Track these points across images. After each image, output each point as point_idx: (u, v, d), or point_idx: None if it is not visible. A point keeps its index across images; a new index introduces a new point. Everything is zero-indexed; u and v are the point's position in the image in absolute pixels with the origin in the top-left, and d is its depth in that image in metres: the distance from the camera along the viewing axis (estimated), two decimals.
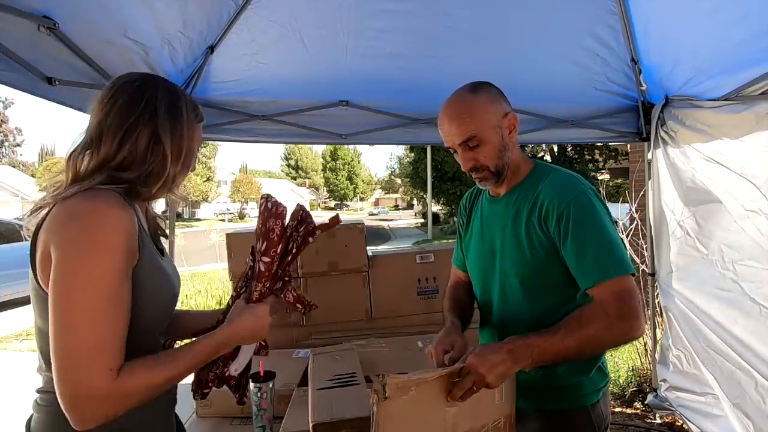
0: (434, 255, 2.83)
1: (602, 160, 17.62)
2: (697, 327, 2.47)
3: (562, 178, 1.13)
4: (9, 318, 6.59)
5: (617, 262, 1.01)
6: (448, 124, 1.12)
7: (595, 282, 1.02)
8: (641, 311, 1.00)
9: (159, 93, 0.89)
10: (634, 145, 5.75)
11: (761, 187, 2.04)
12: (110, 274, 0.76)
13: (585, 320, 0.99)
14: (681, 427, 2.76)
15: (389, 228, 28.62)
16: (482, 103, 1.11)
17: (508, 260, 1.15)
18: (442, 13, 2.10)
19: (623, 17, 2.10)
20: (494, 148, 1.12)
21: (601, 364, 1.16)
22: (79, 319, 0.73)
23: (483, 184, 1.19)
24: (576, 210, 1.05)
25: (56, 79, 1.58)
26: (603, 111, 2.75)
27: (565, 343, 0.97)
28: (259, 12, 2.03)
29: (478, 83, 1.15)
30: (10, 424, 3.30)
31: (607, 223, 1.05)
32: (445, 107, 1.14)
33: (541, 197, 1.10)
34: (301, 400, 1.61)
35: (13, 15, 1.36)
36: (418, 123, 2.78)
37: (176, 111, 0.90)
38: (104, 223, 0.77)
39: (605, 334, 0.98)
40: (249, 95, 2.59)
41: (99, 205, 0.79)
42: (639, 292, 1.02)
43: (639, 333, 1.00)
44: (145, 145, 0.87)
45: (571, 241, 1.04)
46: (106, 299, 0.76)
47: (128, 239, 0.80)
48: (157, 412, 0.95)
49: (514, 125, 1.15)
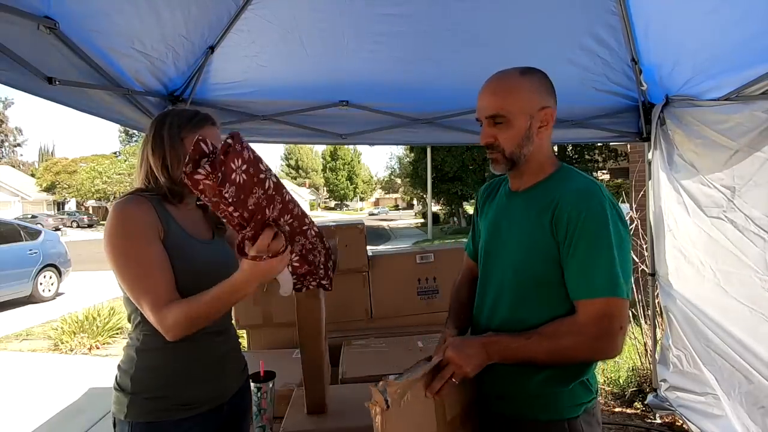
0: (434, 255, 2.83)
1: (602, 160, 17.61)
2: (698, 327, 2.47)
3: (582, 185, 1.08)
4: (9, 318, 6.59)
5: (610, 283, 0.99)
6: (483, 94, 1.11)
7: (583, 297, 1.01)
8: (619, 334, 0.99)
9: (151, 129, 1.20)
10: (634, 145, 5.75)
11: (732, 191, 2.06)
12: (138, 247, 1.09)
13: (561, 332, 1.01)
14: (681, 427, 2.76)
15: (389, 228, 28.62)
16: (524, 87, 1.08)
17: (511, 257, 1.13)
18: (442, 15, 2.10)
19: (623, 17, 2.10)
20: (517, 134, 1.08)
21: (585, 380, 1.10)
22: (137, 280, 1.08)
23: (494, 165, 1.15)
24: (587, 219, 1.01)
25: (56, 79, 1.58)
26: (603, 111, 2.75)
27: (535, 350, 1.01)
28: (259, 12, 2.03)
29: (531, 68, 1.12)
30: (10, 424, 3.31)
31: (614, 239, 1.01)
32: (490, 78, 1.13)
33: (556, 200, 1.06)
34: (300, 400, 1.61)
35: (13, 15, 1.36)
36: (418, 123, 2.78)
37: (159, 137, 1.18)
38: (127, 216, 1.11)
39: (578, 350, 1.02)
40: (249, 95, 2.59)
41: (122, 206, 1.13)
42: (625, 316, 1.01)
43: (613, 354, 1.02)
44: (147, 167, 1.20)
45: (573, 250, 1.02)
46: (143, 260, 1.09)
47: (146, 222, 1.11)
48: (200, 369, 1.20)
49: (548, 121, 1.11)
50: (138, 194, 1.17)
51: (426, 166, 17.74)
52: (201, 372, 1.20)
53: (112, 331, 5.27)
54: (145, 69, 2.06)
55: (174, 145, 1.18)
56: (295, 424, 1.45)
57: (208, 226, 1.30)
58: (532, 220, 1.09)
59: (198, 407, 1.18)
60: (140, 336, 1.17)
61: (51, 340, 5.22)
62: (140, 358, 1.16)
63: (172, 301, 1.08)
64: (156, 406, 1.14)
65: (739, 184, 2.12)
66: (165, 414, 1.14)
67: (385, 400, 0.86)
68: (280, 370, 1.65)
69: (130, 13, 1.73)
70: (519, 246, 1.11)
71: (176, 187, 1.19)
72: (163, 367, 1.16)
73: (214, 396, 1.23)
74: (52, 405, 3.53)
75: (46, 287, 7.79)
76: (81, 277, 9.78)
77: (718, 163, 2.22)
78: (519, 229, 1.13)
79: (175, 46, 2.07)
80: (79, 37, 1.67)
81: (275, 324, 2.68)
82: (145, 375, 1.15)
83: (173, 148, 1.18)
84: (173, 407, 1.15)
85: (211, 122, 1.23)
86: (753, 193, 2.08)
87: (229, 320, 1.33)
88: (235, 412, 1.31)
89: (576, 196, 1.04)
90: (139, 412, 1.14)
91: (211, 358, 1.23)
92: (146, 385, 1.15)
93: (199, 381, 1.20)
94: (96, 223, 33.18)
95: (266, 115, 2.67)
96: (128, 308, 1.19)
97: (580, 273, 1.02)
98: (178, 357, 1.17)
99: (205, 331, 1.19)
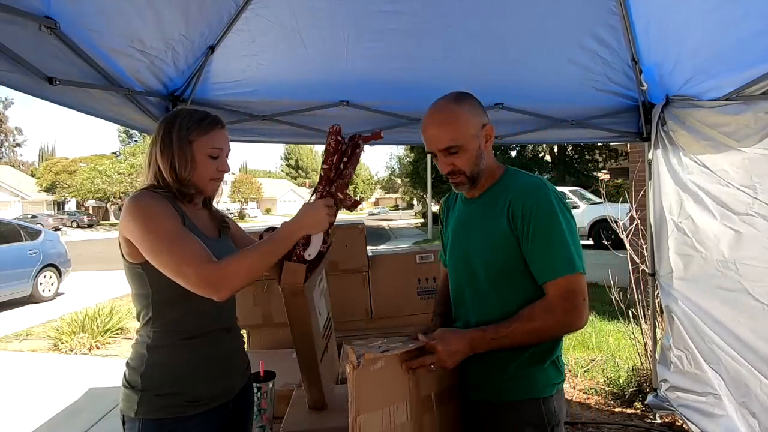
0: (434, 255, 2.83)
1: (602, 160, 17.62)
2: (701, 327, 2.46)
3: (529, 181, 1.23)
4: (9, 318, 6.59)
5: (567, 262, 1.13)
6: (432, 129, 1.22)
7: (547, 280, 1.14)
8: (583, 306, 1.13)
9: (160, 129, 1.21)
10: (634, 145, 5.75)
11: (751, 189, 2.05)
12: (168, 224, 1.11)
13: (535, 314, 1.14)
14: (681, 427, 2.76)
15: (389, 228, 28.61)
16: (465, 114, 1.20)
17: (478, 257, 1.24)
18: (442, 14, 2.10)
19: (623, 17, 2.10)
20: (472, 156, 1.21)
21: (556, 359, 1.23)
22: (172, 246, 1.08)
23: (458, 188, 1.28)
24: (537, 210, 1.15)
25: (56, 79, 1.58)
26: (603, 111, 2.75)
27: (516, 334, 1.13)
28: (259, 12, 2.03)
29: (461, 93, 1.24)
30: (10, 424, 3.31)
31: (563, 225, 1.15)
32: (430, 113, 1.24)
33: (509, 197, 1.19)
34: (300, 400, 1.61)
35: (14, 15, 1.36)
36: (418, 123, 2.77)
37: (168, 139, 1.19)
38: (147, 203, 1.13)
39: (550, 327, 1.14)
40: (249, 95, 2.59)
41: (138, 198, 1.15)
42: (584, 289, 1.15)
43: (581, 324, 1.15)
44: (155, 168, 1.20)
45: (531, 240, 1.15)
46: (177, 233, 1.11)
47: (167, 208, 1.14)
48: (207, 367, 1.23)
49: (490, 135, 1.24)
50: (151, 190, 1.19)
51: (426, 166, 17.74)
52: (211, 369, 1.22)
53: (112, 331, 5.28)
54: (145, 69, 2.07)
55: (182, 147, 1.19)
56: (295, 424, 1.45)
57: (214, 225, 1.33)
58: (491, 220, 1.21)
59: (207, 404, 1.20)
60: (150, 333, 1.18)
61: (51, 340, 5.22)
62: (151, 355, 1.17)
63: (220, 259, 1.10)
64: (167, 402, 1.15)
65: (759, 182, 2.09)
66: (176, 410, 1.15)
67: (358, 360, 0.97)
68: (280, 370, 1.65)
69: (130, 13, 1.73)
70: (483, 246, 1.23)
71: (184, 188, 1.21)
72: (174, 365, 1.18)
73: (222, 392, 1.24)
74: (52, 405, 3.53)
75: (46, 287, 7.79)
76: (81, 277, 9.78)
77: (731, 163, 2.20)
78: (480, 231, 1.24)
79: (175, 46, 2.07)
80: (80, 37, 1.67)
81: (275, 324, 2.68)
82: (155, 372, 1.16)
83: (181, 150, 1.19)
84: (184, 404, 1.16)
85: (220, 125, 1.25)
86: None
87: (234, 318, 1.34)
88: (239, 409, 1.32)
89: (526, 191, 1.18)
90: (150, 409, 1.14)
91: (220, 355, 1.25)
92: (157, 382, 1.16)
93: (209, 377, 1.21)
94: (96, 223, 33.21)
95: (266, 115, 2.67)
96: (138, 305, 1.20)
97: (541, 259, 1.15)
98: (189, 354, 1.19)
99: (215, 328, 1.23)
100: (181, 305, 1.17)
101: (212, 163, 1.23)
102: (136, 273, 1.16)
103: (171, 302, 1.16)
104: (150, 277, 1.15)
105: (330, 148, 1.29)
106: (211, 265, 1.08)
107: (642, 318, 3.27)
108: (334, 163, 1.29)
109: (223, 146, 1.24)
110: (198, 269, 1.07)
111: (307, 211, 1.24)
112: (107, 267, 11.28)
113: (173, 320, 1.18)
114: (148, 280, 1.15)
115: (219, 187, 1.30)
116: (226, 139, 1.27)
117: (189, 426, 1.16)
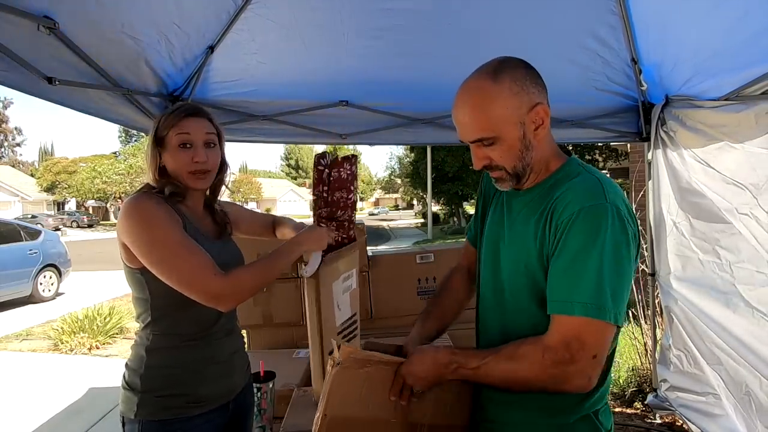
0: (434, 255, 2.83)
1: (602, 160, 17.61)
2: (700, 327, 2.46)
3: (586, 183, 0.91)
4: (9, 318, 6.59)
5: (591, 299, 0.83)
6: (458, 115, 0.94)
7: (555, 312, 0.87)
8: (588, 364, 0.85)
9: (152, 127, 1.21)
10: (634, 145, 5.76)
11: (752, 190, 2.05)
12: (170, 231, 1.08)
13: (520, 354, 0.88)
14: (681, 427, 2.76)
15: (389, 228, 28.61)
16: (502, 95, 0.89)
17: (506, 265, 1.01)
18: (442, 12, 2.10)
19: (623, 17, 2.10)
20: (512, 148, 0.92)
21: (592, 414, 0.94)
22: (176, 258, 1.07)
23: (500, 185, 0.99)
24: (579, 222, 0.86)
25: (56, 79, 1.58)
26: (603, 111, 2.75)
27: (490, 372, 0.90)
28: (259, 12, 2.03)
29: (503, 63, 0.93)
30: (10, 424, 3.30)
31: (608, 250, 0.84)
32: (460, 93, 0.94)
33: (555, 200, 0.91)
34: (300, 400, 1.61)
35: (13, 15, 1.36)
36: (418, 123, 2.78)
37: (156, 133, 1.20)
38: (145, 207, 1.11)
39: (533, 377, 0.88)
40: (249, 95, 2.58)
41: (136, 200, 1.13)
42: (600, 344, 0.85)
43: (575, 387, 0.87)
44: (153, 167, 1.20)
45: (557, 257, 0.88)
46: (180, 243, 1.08)
47: (166, 211, 1.12)
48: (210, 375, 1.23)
49: (542, 120, 0.92)
50: (149, 192, 1.18)
51: (426, 166, 17.74)
52: (211, 370, 1.22)
53: (112, 331, 5.28)
54: (142, 64, 2.05)
55: (163, 143, 1.19)
56: (295, 424, 1.45)
57: (215, 227, 1.32)
58: (530, 222, 0.96)
59: (208, 404, 1.20)
60: (150, 336, 1.17)
61: (51, 340, 5.22)
62: (150, 357, 1.17)
63: (225, 271, 1.10)
64: (167, 403, 1.15)
65: (758, 182, 2.07)
66: (176, 411, 1.15)
67: (338, 361, 0.90)
68: (280, 370, 1.65)
69: (129, 12, 1.72)
70: (510, 252, 1.00)
71: (174, 187, 1.19)
72: (174, 366, 1.17)
73: (222, 393, 1.24)
74: (52, 405, 3.53)
75: (46, 287, 7.79)
76: (81, 277, 9.78)
77: (731, 163, 2.19)
78: (513, 234, 1.00)
79: (175, 46, 2.06)
80: (79, 37, 1.66)
81: (275, 324, 2.68)
82: (155, 373, 1.16)
83: (163, 146, 1.19)
84: (185, 405, 1.16)
85: (192, 113, 1.20)
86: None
87: (235, 320, 1.35)
88: (239, 409, 1.32)
89: (576, 195, 0.89)
90: (150, 410, 1.14)
91: (222, 356, 1.25)
92: (157, 383, 1.16)
93: (210, 379, 1.21)
94: (96, 223, 33.19)
95: (266, 115, 2.67)
96: (138, 308, 1.20)
97: (557, 284, 0.87)
98: (189, 356, 1.19)
99: (215, 331, 1.23)
100: (181, 310, 1.16)
101: (184, 153, 1.17)
102: (135, 277, 1.16)
103: (171, 307, 1.16)
104: (149, 282, 1.14)
105: (314, 179, 1.38)
106: (217, 278, 1.07)
107: (642, 318, 3.27)
108: (320, 192, 1.39)
109: (192, 133, 1.17)
110: (204, 283, 1.06)
111: (308, 230, 1.32)
112: (107, 267, 11.27)
113: (173, 324, 1.17)
114: (147, 285, 1.14)
115: (206, 182, 1.23)
116: (201, 127, 1.20)
117: (190, 426, 1.16)
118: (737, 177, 2.15)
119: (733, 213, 2.18)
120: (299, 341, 2.61)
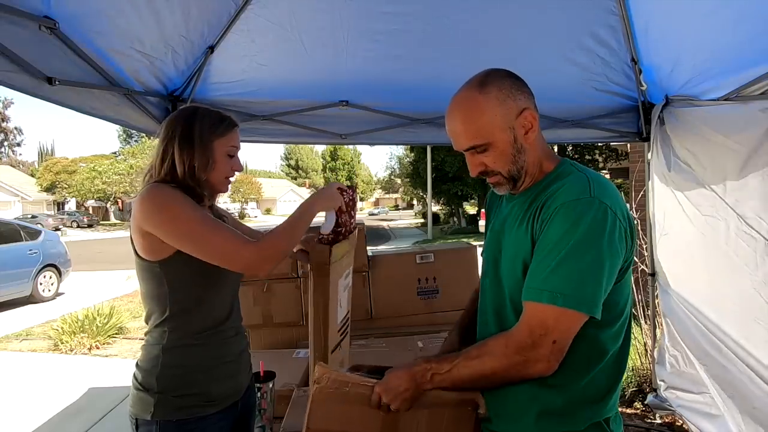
0: (434, 255, 2.83)
1: (602, 160, 17.61)
2: (692, 327, 2.47)
3: (577, 181, 0.93)
4: (9, 318, 6.59)
5: (561, 287, 0.84)
6: (452, 125, 0.99)
7: (525, 299, 0.89)
8: (548, 349, 0.86)
9: (178, 127, 1.19)
10: (634, 145, 5.75)
11: (752, 190, 2.05)
12: (193, 210, 1.12)
13: (486, 349, 0.92)
14: (681, 427, 2.76)
15: (389, 228, 28.61)
16: (490, 103, 0.94)
17: (504, 269, 1.02)
18: (442, 14, 2.10)
19: (623, 17, 2.10)
20: (504, 152, 0.97)
21: (603, 421, 0.94)
22: (206, 232, 1.10)
23: (498, 189, 1.04)
24: (563, 214, 0.88)
25: (56, 79, 1.58)
26: (603, 111, 2.75)
27: (462, 371, 0.92)
28: (259, 12, 2.03)
29: (488, 75, 0.98)
30: (10, 424, 3.31)
31: (587, 242, 0.85)
32: (451, 106, 1.00)
33: (545, 197, 0.94)
34: (300, 400, 1.61)
35: (13, 15, 1.36)
36: (418, 123, 2.78)
37: (190, 137, 1.19)
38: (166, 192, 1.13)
39: (497, 366, 0.90)
40: (249, 95, 2.59)
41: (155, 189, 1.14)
42: (564, 330, 0.86)
43: (534, 370, 0.88)
44: (170, 163, 1.18)
45: (539, 246, 0.91)
46: (208, 219, 1.13)
47: (187, 197, 1.14)
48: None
49: (531, 124, 0.97)
50: (165, 183, 1.19)
51: (426, 166, 17.74)
52: (223, 369, 1.24)
53: (112, 331, 5.28)
54: (144, 69, 2.06)
55: (204, 147, 1.20)
56: (295, 424, 1.45)
57: None
58: (522, 225, 0.98)
59: (221, 403, 1.21)
60: (164, 334, 1.17)
61: (51, 340, 5.22)
62: (165, 357, 1.16)
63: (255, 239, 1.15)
64: (185, 403, 1.16)
65: (733, 184, 2.11)
66: (193, 410, 1.16)
67: (314, 379, 0.93)
68: (280, 370, 1.65)
69: (129, 13, 1.73)
70: (507, 255, 1.01)
71: (198, 188, 1.21)
72: (190, 365, 1.18)
73: (233, 392, 1.26)
74: (52, 405, 3.53)
75: (46, 287, 7.79)
76: (81, 277, 9.79)
77: (713, 163, 2.22)
78: (509, 236, 1.01)
79: (175, 46, 2.07)
80: (79, 38, 1.67)
81: (275, 324, 2.68)
82: (172, 373, 1.16)
83: (203, 150, 1.20)
84: (202, 403, 1.17)
85: (236, 125, 1.29)
86: (745, 193, 2.07)
87: (241, 319, 1.36)
88: (246, 408, 1.34)
89: (564, 191, 0.92)
90: (168, 410, 1.14)
91: (232, 355, 1.27)
92: (174, 383, 1.16)
93: (222, 377, 1.23)
94: (96, 223, 33.19)
95: (266, 115, 2.67)
96: (151, 305, 1.19)
97: (532, 271, 0.90)
98: (203, 354, 1.20)
99: (226, 329, 1.26)
100: (196, 306, 1.18)
101: (229, 162, 1.26)
102: (153, 272, 1.15)
103: (188, 301, 1.17)
104: (168, 275, 1.14)
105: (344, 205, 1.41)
106: (249, 246, 1.12)
107: (642, 318, 3.27)
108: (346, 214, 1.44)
109: (238, 146, 1.29)
110: (238, 251, 1.11)
111: (319, 191, 1.35)
112: (107, 267, 11.29)
113: (188, 321, 1.18)
114: (166, 279, 1.15)
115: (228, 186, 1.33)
116: (238, 136, 1.31)
117: (205, 425, 1.18)
118: (737, 177, 2.15)
119: (718, 212, 2.20)
120: (299, 341, 2.62)
